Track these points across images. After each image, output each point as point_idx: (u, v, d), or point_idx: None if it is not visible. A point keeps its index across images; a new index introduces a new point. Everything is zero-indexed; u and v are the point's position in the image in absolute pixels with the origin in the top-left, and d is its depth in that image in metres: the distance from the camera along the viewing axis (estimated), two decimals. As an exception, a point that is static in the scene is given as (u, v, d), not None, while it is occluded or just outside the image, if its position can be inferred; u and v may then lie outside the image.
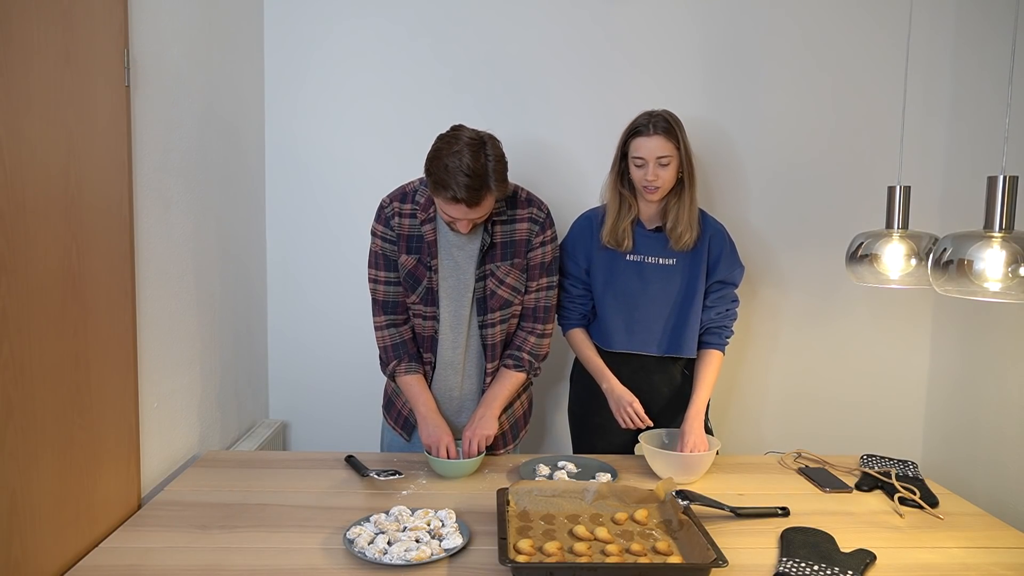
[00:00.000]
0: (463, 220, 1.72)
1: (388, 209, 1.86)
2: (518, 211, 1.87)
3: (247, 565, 1.38)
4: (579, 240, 2.05)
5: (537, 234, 1.88)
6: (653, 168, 1.90)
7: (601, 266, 2.03)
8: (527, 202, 1.89)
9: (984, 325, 2.33)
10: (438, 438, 1.85)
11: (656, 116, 1.93)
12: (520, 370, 1.93)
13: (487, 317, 1.89)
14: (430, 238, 1.84)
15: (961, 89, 2.47)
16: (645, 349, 2.04)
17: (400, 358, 1.92)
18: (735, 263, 2.07)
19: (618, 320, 2.03)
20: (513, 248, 1.87)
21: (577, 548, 1.43)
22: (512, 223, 1.87)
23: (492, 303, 1.87)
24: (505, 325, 1.93)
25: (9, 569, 1.23)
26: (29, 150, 1.26)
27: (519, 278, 1.90)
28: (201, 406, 2.04)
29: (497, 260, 1.86)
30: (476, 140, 1.67)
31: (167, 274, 1.82)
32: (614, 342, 2.04)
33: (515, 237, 1.87)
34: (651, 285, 2.01)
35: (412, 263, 1.86)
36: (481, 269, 1.86)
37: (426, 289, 1.86)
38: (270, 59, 2.48)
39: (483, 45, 2.47)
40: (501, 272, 1.86)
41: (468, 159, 1.63)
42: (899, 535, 1.58)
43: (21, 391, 1.25)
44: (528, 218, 1.88)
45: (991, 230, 1.38)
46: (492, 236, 1.84)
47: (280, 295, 2.58)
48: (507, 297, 1.89)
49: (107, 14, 1.51)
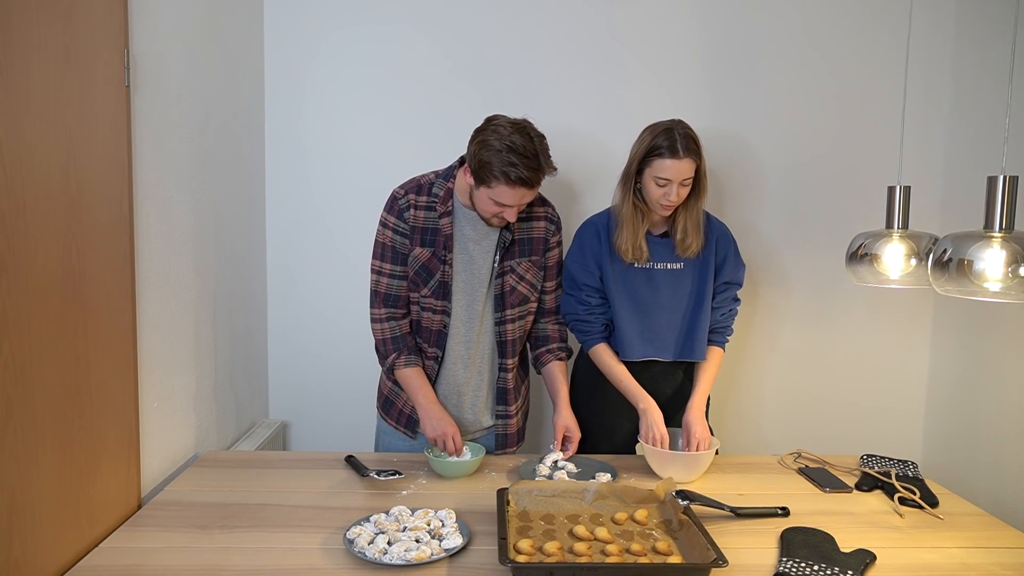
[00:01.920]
0: (513, 208, 1.74)
1: (403, 201, 1.85)
2: (535, 208, 1.91)
3: (247, 565, 1.38)
4: (588, 248, 2.00)
5: (553, 233, 1.95)
6: (677, 189, 1.85)
7: (613, 274, 1.99)
8: (541, 201, 1.94)
9: (984, 325, 2.33)
10: (443, 430, 1.84)
11: (681, 135, 1.85)
12: (568, 358, 2.05)
13: (505, 313, 1.90)
14: (448, 231, 1.84)
15: (961, 89, 2.47)
16: (660, 355, 2.02)
17: (399, 351, 1.92)
18: (739, 263, 2.07)
19: (634, 328, 2.00)
20: (531, 246, 1.91)
21: (577, 548, 1.43)
22: (530, 220, 1.91)
23: (512, 299, 1.89)
24: (522, 322, 1.95)
25: (9, 569, 1.23)
26: (29, 150, 1.26)
27: (537, 275, 1.94)
28: (201, 406, 2.04)
29: (516, 256, 1.89)
30: (520, 123, 1.72)
31: (167, 274, 1.82)
32: (631, 351, 2.01)
33: (533, 235, 1.92)
34: (661, 291, 1.99)
35: (427, 256, 1.85)
36: (501, 265, 1.87)
37: (439, 283, 1.86)
38: (270, 59, 2.48)
39: (483, 44, 2.47)
40: (522, 269, 1.90)
41: (522, 140, 1.67)
42: (899, 535, 1.58)
43: (21, 391, 1.25)
44: (545, 217, 1.93)
45: (991, 230, 1.38)
46: (513, 232, 1.87)
47: (280, 294, 2.58)
48: (526, 293, 1.92)
49: (107, 14, 1.51)
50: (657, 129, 1.88)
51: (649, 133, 1.90)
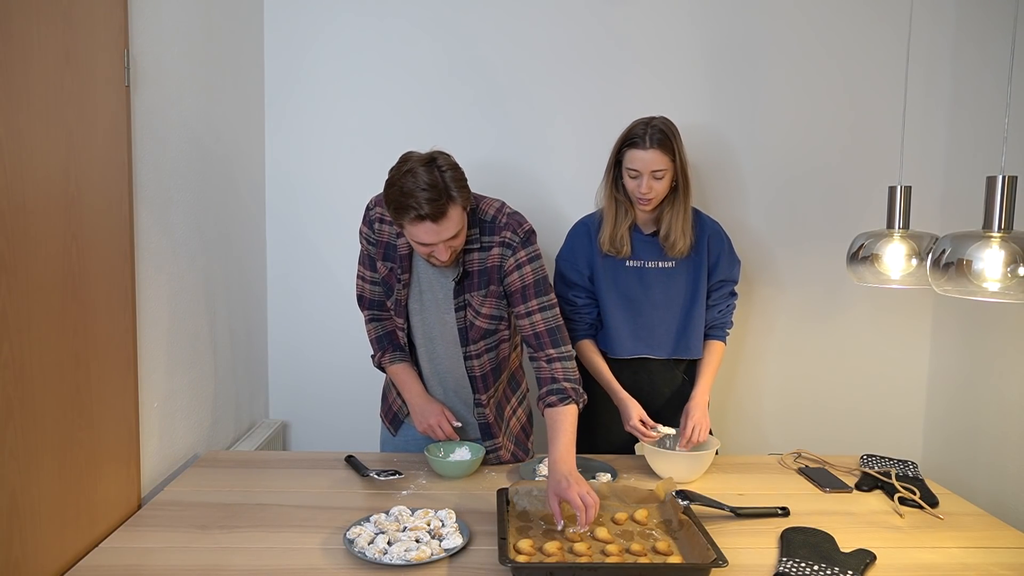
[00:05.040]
0: (438, 244, 1.62)
1: (372, 212, 1.84)
2: (493, 237, 1.76)
3: (247, 565, 1.38)
4: (578, 248, 2.03)
5: (508, 258, 1.75)
6: (647, 181, 1.87)
7: (603, 273, 2.01)
8: (504, 226, 1.76)
9: (984, 325, 2.33)
10: (429, 421, 1.84)
11: (653, 127, 1.87)
12: (567, 402, 1.71)
13: (469, 348, 1.83)
14: (404, 251, 1.79)
15: (961, 89, 2.47)
16: (652, 353, 2.04)
17: (384, 349, 1.93)
18: (734, 260, 2.08)
19: (624, 327, 2.02)
20: (487, 275, 1.78)
21: (577, 548, 1.43)
22: (485, 250, 1.76)
23: (472, 334, 1.82)
24: (492, 354, 1.86)
25: (9, 569, 1.23)
26: (29, 150, 1.26)
27: (497, 305, 1.81)
28: (201, 406, 2.04)
29: (473, 290, 1.78)
30: (426, 157, 1.61)
31: (167, 274, 1.82)
32: (621, 348, 2.03)
33: (488, 264, 1.77)
34: (653, 289, 2.01)
35: (386, 271, 1.84)
36: (459, 299, 1.79)
37: (396, 300, 1.84)
38: (270, 59, 2.48)
39: (484, 45, 2.47)
40: (476, 302, 1.79)
41: (423, 175, 1.56)
42: (899, 535, 1.58)
43: (21, 391, 1.25)
44: (500, 243, 1.76)
45: (990, 230, 1.38)
46: (466, 265, 1.77)
47: (280, 294, 2.58)
48: (486, 327, 1.82)
49: (107, 14, 1.51)
50: (638, 122, 1.92)
51: (630, 126, 1.93)
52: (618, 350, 2.03)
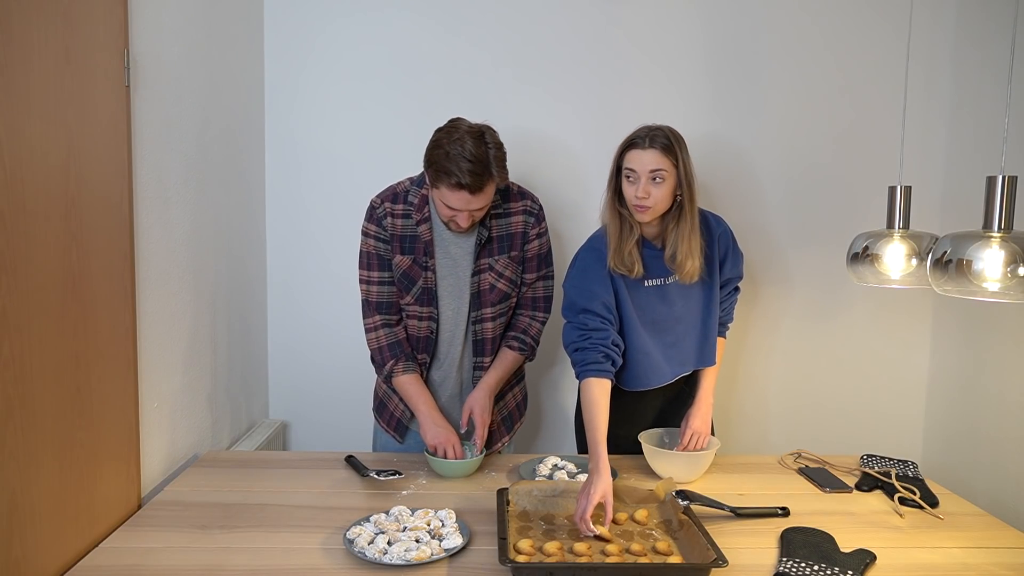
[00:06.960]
0: (464, 212, 1.72)
1: (380, 210, 1.86)
2: (512, 204, 1.88)
3: (247, 565, 1.38)
4: (593, 272, 1.82)
5: (533, 226, 1.90)
6: (644, 184, 1.71)
7: (626, 298, 1.83)
8: (520, 195, 1.90)
9: (984, 325, 2.33)
10: (445, 438, 1.84)
11: (655, 130, 1.76)
12: (524, 353, 1.95)
13: (481, 312, 1.89)
14: (427, 238, 1.84)
15: (961, 89, 2.47)
16: (684, 370, 1.94)
17: (397, 358, 1.91)
18: (738, 254, 1.99)
19: (657, 351, 1.89)
20: (510, 241, 1.88)
21: (577, 548, 1.44)
22: (508, 216, 1.88)
23: (491, 297, 1.87)
24: (503, 319, 1.93)
25: (9, 569, 1.23)
26: (29, 150, 1.26)
27: (516, 271, 1.90)
28: (201, 406, 2.04)
29: (495, 254, 1.87)
30: (476, 129, 1.71)
31: (167, 274, 1.82)
32: (661, 375, 1.90)
33: (511, 230, 1.88)
34: (675, 306, 1.89)
35: (407, 263, 1.85)
36: (478, 264, 1.86)
37: (422, 289, 1.86)
38: (270, 59, 2.48)
39: (485, 47, 2.47)
40: (500, 266, 1.87)
41: (470, 145, 1.66)
42: (899, 535, 1.58)
43: (21, 391, 1.25)
44: (523, 210, 1.89)
45: (990, 230, 1.37)
46: (489, 230, 1.85)
47: (280, 293, 2.58)
48: (506, 290, 1.89)
49: (107, 14, 1.51)
50: (641, 127, 1.79)
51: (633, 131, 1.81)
52: (659, 378, 1.90)
